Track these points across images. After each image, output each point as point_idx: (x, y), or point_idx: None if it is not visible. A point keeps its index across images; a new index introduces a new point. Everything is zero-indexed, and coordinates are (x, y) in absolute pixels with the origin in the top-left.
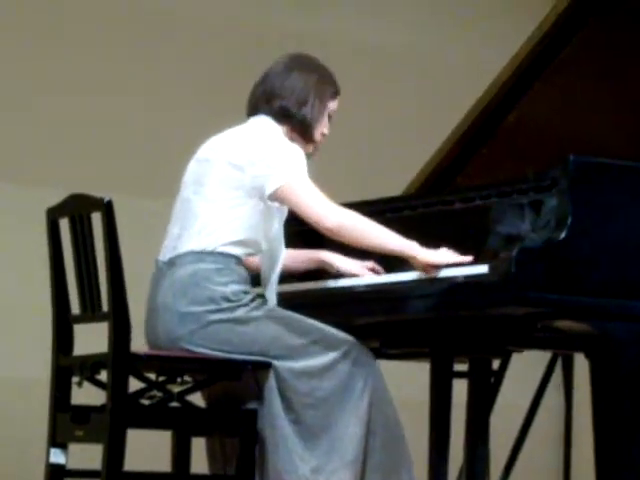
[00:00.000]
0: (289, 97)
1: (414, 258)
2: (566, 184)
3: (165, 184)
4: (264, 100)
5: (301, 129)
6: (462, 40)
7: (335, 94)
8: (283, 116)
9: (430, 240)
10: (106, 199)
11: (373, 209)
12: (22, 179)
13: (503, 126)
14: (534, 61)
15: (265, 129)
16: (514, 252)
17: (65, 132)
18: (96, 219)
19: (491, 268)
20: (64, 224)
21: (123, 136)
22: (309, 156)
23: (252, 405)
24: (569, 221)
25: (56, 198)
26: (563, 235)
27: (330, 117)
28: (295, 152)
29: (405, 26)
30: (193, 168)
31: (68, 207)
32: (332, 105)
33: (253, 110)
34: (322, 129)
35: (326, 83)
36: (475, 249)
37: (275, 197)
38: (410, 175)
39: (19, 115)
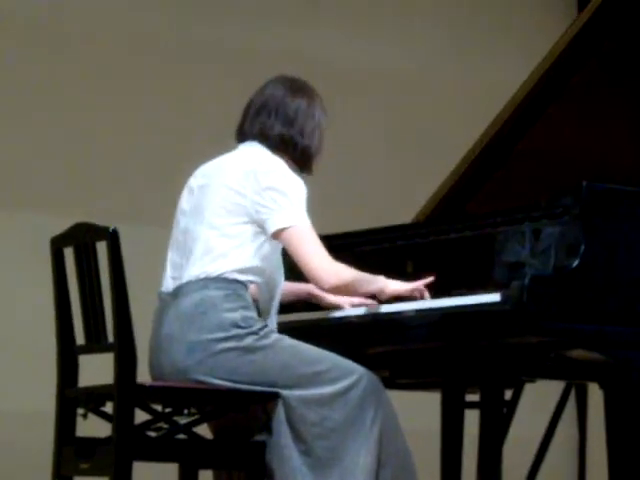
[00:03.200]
0: (292, 127)
1: (383, 291)
2: (579, 211)
3: (171, 213)
4: (264, 128)
5: (301, 159)
6: (473, 65)
7: (326, 120)
8: (283, 146)
9: (441, 268)
10: (111, 228)
11: (384, 237)
12: (26, 207)
13: (515, 152)
14: (546, 86)
15: (268, 156)
16: (526, 280)
17: (70, 160)
18: (101, 248)
19: (503, 297)
20: (69, 253)
21: (129, 164)
22: None
23: (260, 436)
24: (582, 249)
25: (61, 227)
26: (576, 263)
27: None
28: (301, 190)
29: (415, 50)
30: (187, 197)
31: (73, 236)
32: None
33: (247, 136)
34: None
35: (323, 111)
36: (486, 277)
37: (277, 237)
38: (422, 201)
39: (23, 143)
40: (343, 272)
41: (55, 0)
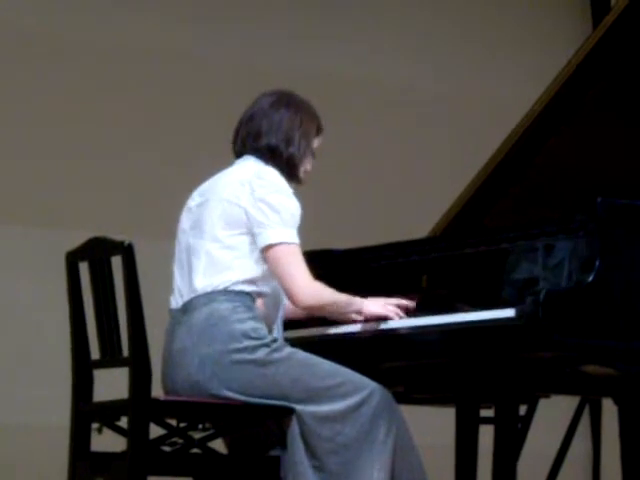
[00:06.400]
0: (276, 136)
1: (360, 314)
2: (594, 226)
3: None
4: (251, 139)
5: (287, 168)
6: (491, 81)
7: (319, 131)
8: (270, 155)
9: (455, 282)
10: (126, 242)
11: (399, 252)
12: (40, 222)
13: (530, 167)
14: (561, 102)
15: (264, 169)
16: (541, 295)
17: (85, 175)
18: (116, 262)
19: (518, 312)
20: (84, 268)
21: (143, 179)
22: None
23: (275, 451)
24: (597, 264)
25: (75, 241)
26: (591, 278)
27: (314, 154)
28: (295, 207)
29: (424, 65)
30: (186, 217)
31: (88, 251)
32: (316, 142)
33: (240, 150)
34: (306, 167)
35: (311, 121)
36: (501, 292)
37: (264, 253)
38: (436, 217)
39: (36, 158)
40: (322, 293)
41: (56, 13)
